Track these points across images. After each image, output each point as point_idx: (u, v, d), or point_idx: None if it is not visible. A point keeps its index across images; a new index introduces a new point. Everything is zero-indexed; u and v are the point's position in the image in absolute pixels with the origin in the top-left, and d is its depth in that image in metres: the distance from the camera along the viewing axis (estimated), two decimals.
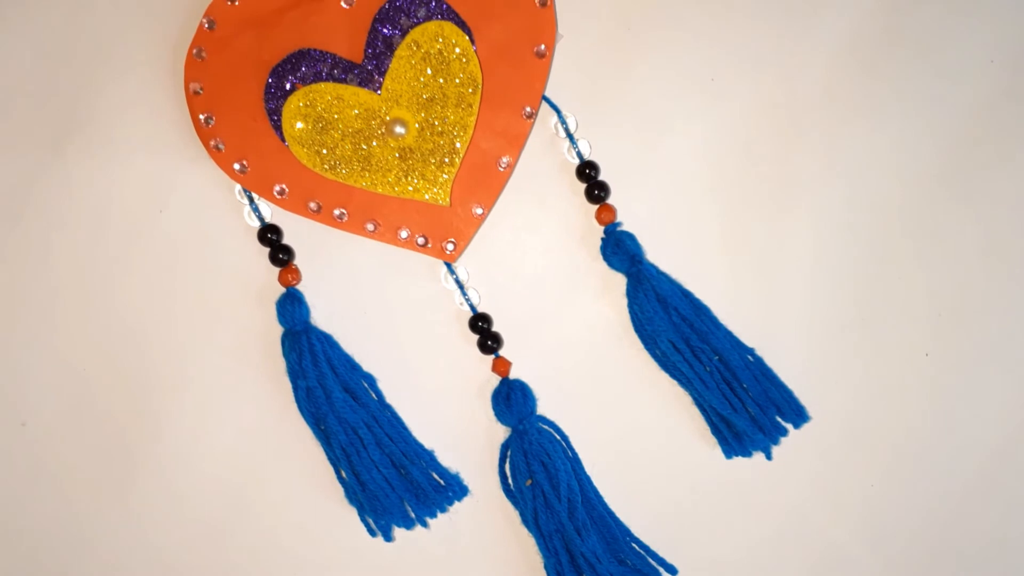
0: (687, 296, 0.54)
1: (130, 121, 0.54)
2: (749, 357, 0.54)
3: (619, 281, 0.54)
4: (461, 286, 0.54)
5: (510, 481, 0.53)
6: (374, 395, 0.54)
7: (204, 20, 0.52)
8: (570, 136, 0.54)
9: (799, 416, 0.54)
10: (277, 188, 0.53)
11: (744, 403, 0.53)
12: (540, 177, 0.54)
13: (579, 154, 0.54)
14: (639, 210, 0.54)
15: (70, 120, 0.54)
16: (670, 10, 0.54)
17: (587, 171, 0.54)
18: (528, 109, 0.53)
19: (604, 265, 0.54)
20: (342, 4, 0.52)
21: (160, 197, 0.54)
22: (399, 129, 0.52)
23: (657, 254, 0.54)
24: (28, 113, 0.54)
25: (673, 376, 0.54)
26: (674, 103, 0.54)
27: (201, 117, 0.52)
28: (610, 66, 0.54)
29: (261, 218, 0.54)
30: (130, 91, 0.54)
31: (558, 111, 0.54)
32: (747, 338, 0.54)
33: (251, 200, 0.53)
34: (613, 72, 0.54)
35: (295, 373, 0.52)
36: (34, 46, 0.54)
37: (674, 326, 0.53)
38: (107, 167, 0.54)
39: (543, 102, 0.53)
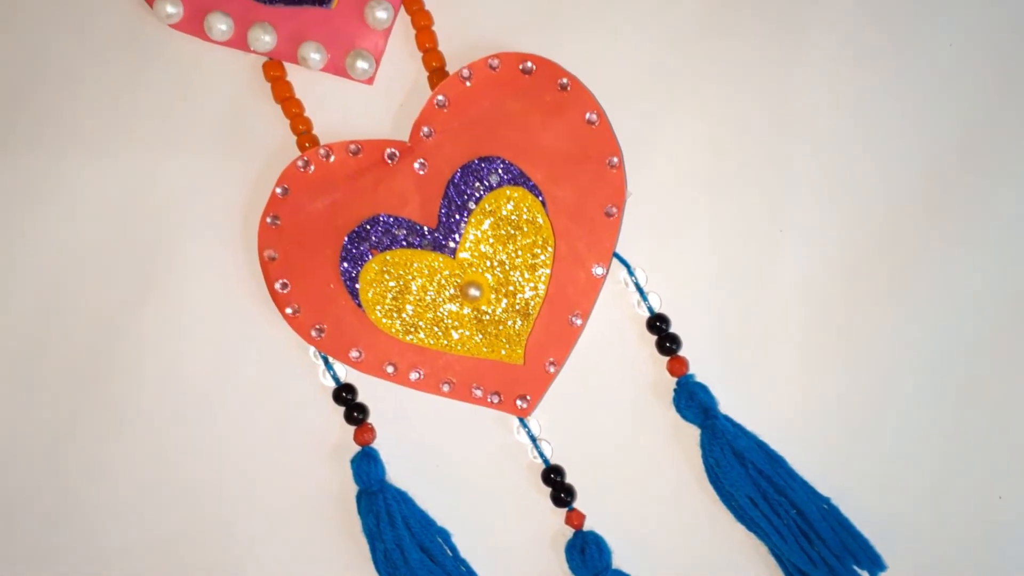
0: (762, 448, 0.54)
1: (203, 283, 0.55)
2: (824, 506, 0.54)
3: (692, 431, 0.54)
4: (534, 439, 0.54)
5: None
6: (449, 551, 0.54)
7: (278, 187, 0.53)
8: (640, 291, 0.54)
9: (876, 565, 0.53)
10: (353, 352, 0.53)
11: (821, 554, 0.53)
12: (611, 330, 0.55)
13: (649, 308, 0.54)
14: (711, 360, 0.55)
15: (143, 282, 0.55)
16: (737, 161, 0.55)
17: (657, 324, 0.54)
18: (599, 268, 0.53)
19: (677, 415, 0.54)
20: (415, 170, 0.53)
21: (234, 357, 0.55)
22: (474, 292, 0.52)
23: (729, 402, 0.54)
24: (102, 276, 0.55)
25: (749, 528, 0.53)
26: (744, 254, 0.55)
27: (277, 284, 0.53)
28: (679, 218, 0.55)
29: (336, 379, 0.54)
30: (203, 254, 0.55)
31: (628, 267, 0.54)
32: (824, 485, 0.54)
33: (326, 361, 0.54)
34: (682, 224, 0.55)
35: (372, 535, 0.52)
36: (108, 210, 0.55)
37: (751, 480, 0.53)
38: (181, 329, 0.55)
39: (613, 258, 0.54)
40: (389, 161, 0.53)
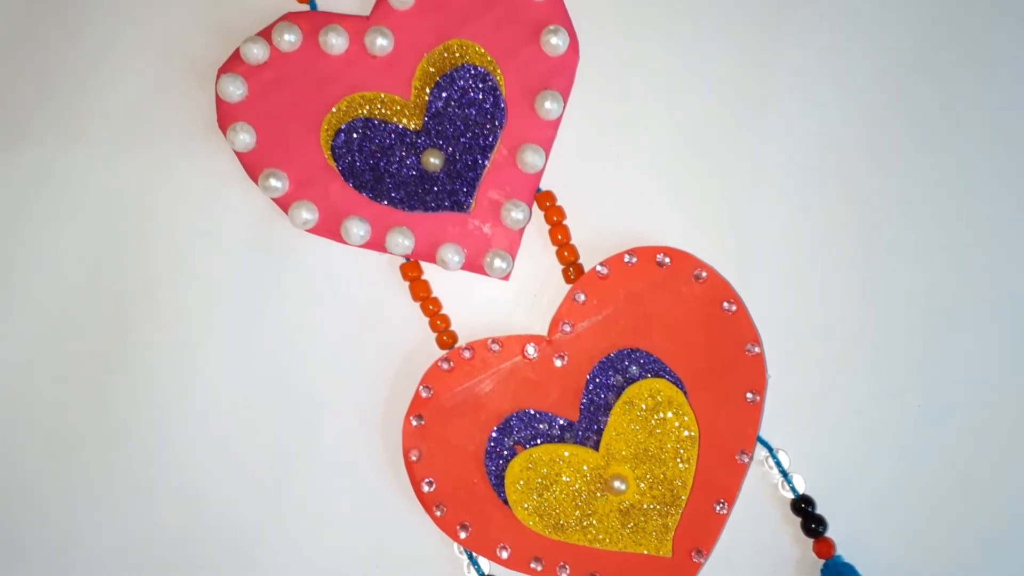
0: None
1: (345, 481, 0.55)
2: None
3: None
4: None
5: None
6: None
7: (421, 388, 0.53)
8: (784, 473, 0.54)
9: None
10: (500, 549, 0.53)
11: None
12: (754, 513, 0.54)
13: (793, 490, 0.54)
14: (858, 537, 0.54)
15: (282, 481, 0.55)
16: (874, 343, 0.55)
17: (803, 506, 0.54)
18: (743, 455, 0.53)
19: None
20: (555, 364, 0.53)
21: (377, 554, 0.55)
22: (618, 485, 0.52)
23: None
24: (242, 475, 0.55)
25: None
26: (886, 432, 0.54)
27: (423, 484, 0.53)
28: (820, 398, 0.55)
29: (481, 573, 0.54)
30: (345, 452, 0.55)
31: (770, 449, 0.54)
32: None
33: (471, 556, 0.54)
34: (824, 404, 0.55)
35: None
36: (246, 409, 0.55)
37: None
38: (323, 528, 0.55)
39: (756, 442, 0.54)
40: (529, 356, 0.53)
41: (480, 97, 0.52)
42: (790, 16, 0.55)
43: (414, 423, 0.53)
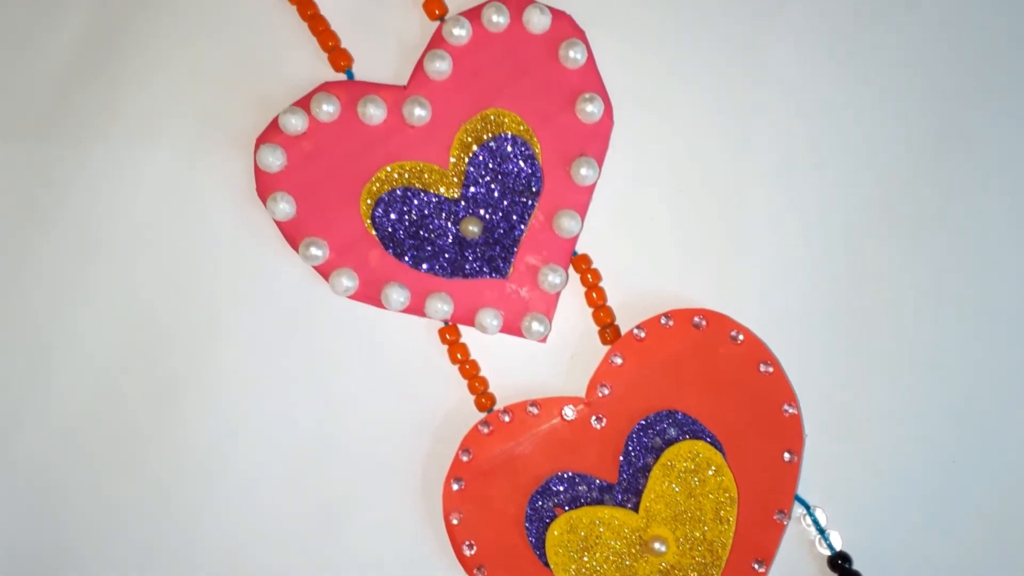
0: None
1: (385, 545, 0.56)
2: None
3: None
4: None
5: None
6: None
7: (460, 452, 0.54)
8: (821, 530, 0.55)
9: None
10: None
11: None
12: (792, 570, 0.55)
13: (830, 546, 0.55)
14: None
15: (327, 545, 0.56)
16: (905, 403, 0.55)
17: (840, 562, 0.54)
18: (781, 513, 0.54)
19: None
20: (594, 425, 0.54)
21: None
22: (658, 546, 0.53)
23: None
24: (285, 539, 0.56)
25: None
26: (918, 481, 0.55)
27: (464, 547, 0.53)
28: (855, 454, 0.55)
29: None
30: (385, 514, 0.56)
31: (808, 507, 0.55)
32: None
33: None
34: (859, 460, 0.55)
35: None
36: (282, 474, 0.56)
37: None
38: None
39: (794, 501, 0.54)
40: (567, 418, 0.54)
41: (517, 165, 0.53)
42: (826, 72, 0.56)
43: (454, 487, 0.54)
